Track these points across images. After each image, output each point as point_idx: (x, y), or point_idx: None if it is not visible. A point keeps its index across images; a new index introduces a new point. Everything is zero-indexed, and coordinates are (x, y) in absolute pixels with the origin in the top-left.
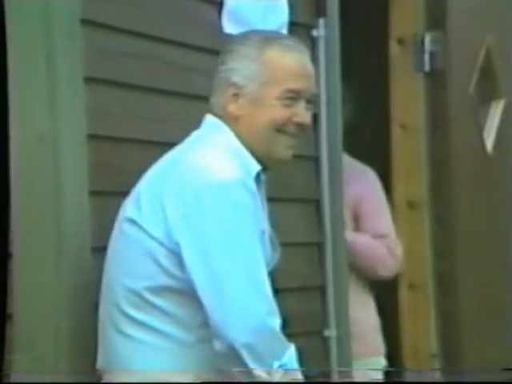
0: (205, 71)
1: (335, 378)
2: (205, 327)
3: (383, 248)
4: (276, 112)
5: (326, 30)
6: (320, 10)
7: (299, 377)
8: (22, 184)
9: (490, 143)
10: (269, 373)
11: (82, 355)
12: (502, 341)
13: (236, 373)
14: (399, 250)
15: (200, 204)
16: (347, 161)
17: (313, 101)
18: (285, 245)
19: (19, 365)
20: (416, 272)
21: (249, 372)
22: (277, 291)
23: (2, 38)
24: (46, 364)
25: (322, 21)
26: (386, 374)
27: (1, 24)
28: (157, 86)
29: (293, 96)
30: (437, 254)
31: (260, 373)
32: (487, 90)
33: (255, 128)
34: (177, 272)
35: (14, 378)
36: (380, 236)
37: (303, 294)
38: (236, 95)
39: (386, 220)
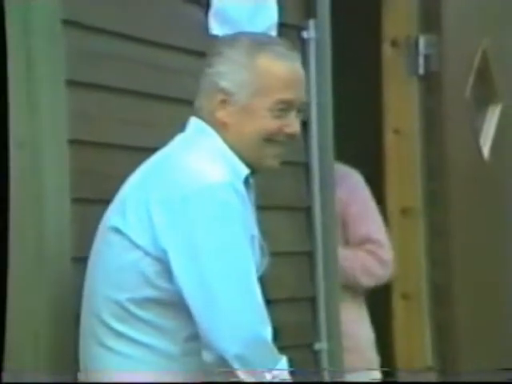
0: (191, 74)
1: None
2: (191, 340)
3: (365, 257)
4: (267, 123)
5: (317, 31)
6: (310, 12)
7: None
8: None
9: (486, 149)
10: None
11: (61, 367)
12: (498, 351)
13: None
14: (389, 254)
15: (188, 208)
16: None
17: (302, 108)
18: (274, 254)
19: None
20: (410, 282)
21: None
22: (266, 302)
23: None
24: None
25: (312, 22)
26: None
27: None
28: (141, 89)
29: (284, 107)
30: (432, 263)
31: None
32: (483, 94)
33: (243, 136)
34: (162, 283)
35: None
36: (367, 241)
37: (293, 306)
38: (224, 101)
39: (374, 223)
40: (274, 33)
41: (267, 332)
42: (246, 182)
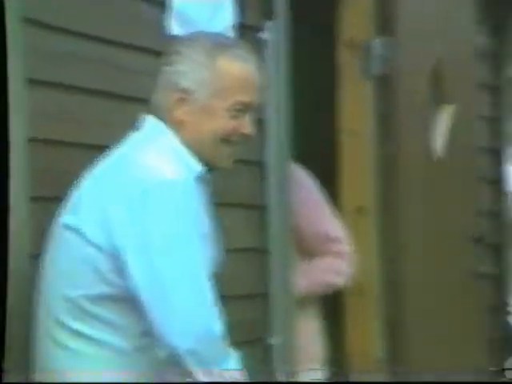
0: (149, 73)
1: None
2: (145, 336)
3: (328, 260)
4: (224, 123)
5: (274, 32)
6: (268, 13)
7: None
8: None
9: (438, 149)
10: (212, 380)
11: (15, 365)
12: (449, 346)
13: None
14: (348, 249)
15: (147, 203)
16: None
17: (257, 110)
18: (230, 251)
19: None
20: (363, 279)
21: (192, 378)
22: (221, 298)
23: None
24: None
25: (269, 23)
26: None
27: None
28: (101, 88)
29: (241, 108)
30: (384, 261)
31: (203, 380)
32: (436, 95)
33: (200, 135)
34: (116, 279)
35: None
36: (326, 240)
37: (248, 302)
38: (183, 100)
39: (330, 221)
40: (231, 33)
41: (218, 328)
42: (202, 179)
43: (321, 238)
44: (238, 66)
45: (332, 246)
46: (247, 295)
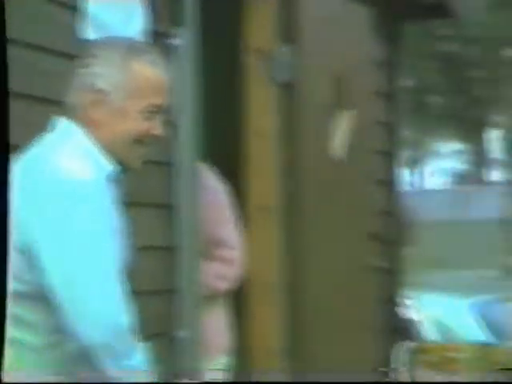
0: (62, 75)
1: (184, 378)
2: (55, 332)
3: (216, 264)
4: (137, 125)
5: (183, 38)
6: (178, 19)
7: (150, 376)
8: None
9: (338, 152)
10: (122, 373)
11: None
12: (347, 338)
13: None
14: (239, 255)
15: (56, 205)
16: None
17: (166, 112)
18: (140, 248)
19: None
20: (266, 276)
21: (102, 373)
22: (131, 294)
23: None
24: None
25: (179, 29)
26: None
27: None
28: (17, 89)
29: (153, 110)
30: (287, 257)
31: (113, 374)
32: (338, 100)
33: (114, 136)
34: (27, 276)
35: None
36: (220, 244)
37: (157, 297)
38: (98, 101)
39: (228, 226)
40: (143, 39)
41: (127, 321)
42: (114, 178)
43: (214, 243)
44: (150, 70)
45: (222, 251)
46: (156, 291)
